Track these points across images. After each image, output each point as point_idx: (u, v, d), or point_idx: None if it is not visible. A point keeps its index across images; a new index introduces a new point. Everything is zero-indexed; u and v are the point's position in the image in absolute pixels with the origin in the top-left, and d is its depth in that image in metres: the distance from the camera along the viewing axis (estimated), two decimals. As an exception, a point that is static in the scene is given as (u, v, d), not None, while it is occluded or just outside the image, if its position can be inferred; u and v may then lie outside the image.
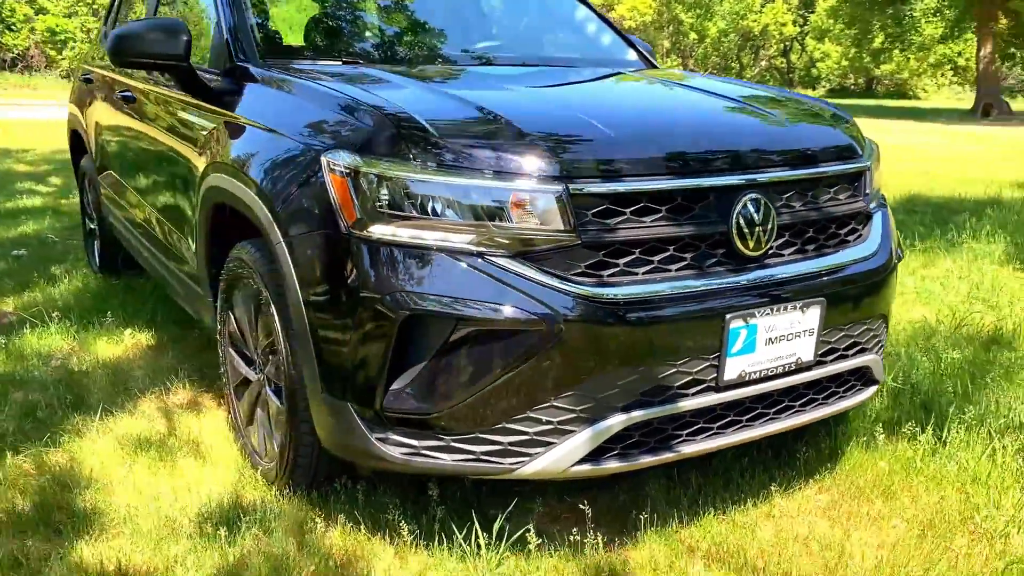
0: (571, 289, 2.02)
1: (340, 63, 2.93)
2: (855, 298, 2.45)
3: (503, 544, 2.20)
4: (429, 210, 2.04)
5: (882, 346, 2.65)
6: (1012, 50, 29.36)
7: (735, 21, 41.63)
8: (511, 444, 2.08)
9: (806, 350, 2.34)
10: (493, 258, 2.02)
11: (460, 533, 2.24)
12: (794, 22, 44.39)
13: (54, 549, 2.24)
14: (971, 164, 11.82)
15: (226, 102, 2.73)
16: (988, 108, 25.65)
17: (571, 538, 2.25)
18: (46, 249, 5.71)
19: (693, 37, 43.66)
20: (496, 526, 2.22)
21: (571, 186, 2.04)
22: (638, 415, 2.11)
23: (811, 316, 2.32)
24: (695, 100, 2.81)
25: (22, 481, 2.59)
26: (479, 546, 2.19)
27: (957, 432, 2.87)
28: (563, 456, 2.08)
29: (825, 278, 2.37)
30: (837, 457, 2.80)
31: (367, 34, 3.36)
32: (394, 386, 2.08)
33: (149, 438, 2.87)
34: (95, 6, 27.56)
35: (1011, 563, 2.24)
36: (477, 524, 2.23)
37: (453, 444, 2.08)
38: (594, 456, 2.11)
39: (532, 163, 2.06)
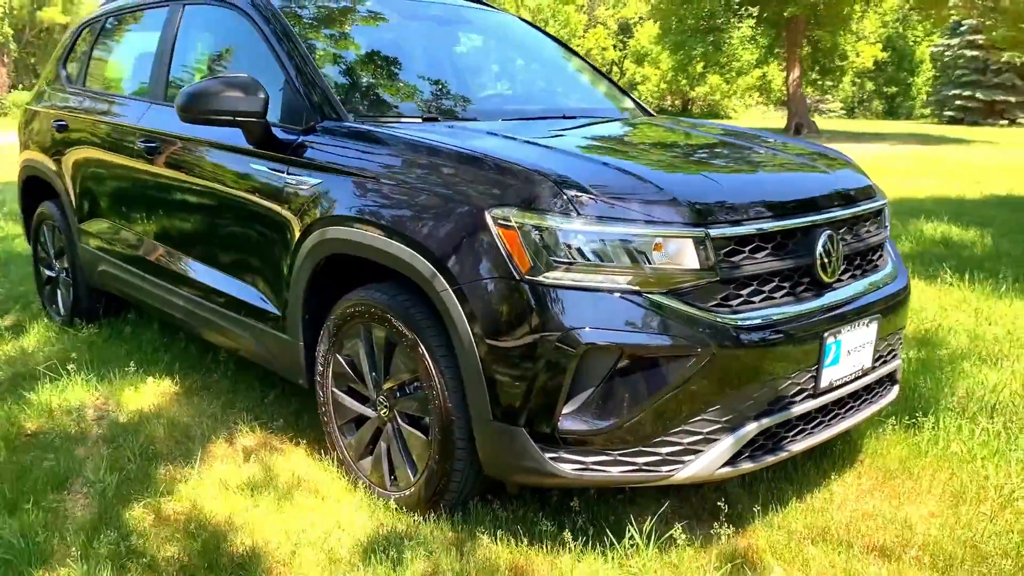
0: (714, 318, 2.39)
1: (421, 120, 3.17)
2: (893, 312, 2.97)
3: (651, 543, 2.53)
4: (592, 256, 2.36)
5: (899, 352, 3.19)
6: (814, 76, 32.40)
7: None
8: (668, 454, 2.42)
9: (868, 358, 2.82)
10: (649, 295, 2.36)
11: (592, 537, 2.55)
12: (615, 46, 46.78)
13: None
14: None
15: (329, 159, 2.91)
16: (799, 127, 28.25)
17: (690, 533, 2.61)
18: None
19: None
20: (647, 527, 2.55)
21: (709, 231, 2.42)
22: (766, 422, 2.51)
23: (872, 330, 2.80)
24: (750, 148, 3.24)
25: (159, 531, 2.67)
26: (634, 546, 2.52)
27: (946, 418, 3.45)
28: (711, 462, 2.44)
29: (877, 297, 2.86)
30: (858, 449, 3.30)
31: (440, 93, 3.60)
32: (566, 410, 2.37)
33: (254, 480, 2.98)
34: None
35: (1034, 520, 2.80)
36: (631, 526, 2.55)
37: (619, 458, 2.40)
38: (732, 460, 2.49)
39: (677, 213, 2.42)
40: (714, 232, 2.43)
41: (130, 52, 4.52)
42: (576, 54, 4.39)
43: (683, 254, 2.41)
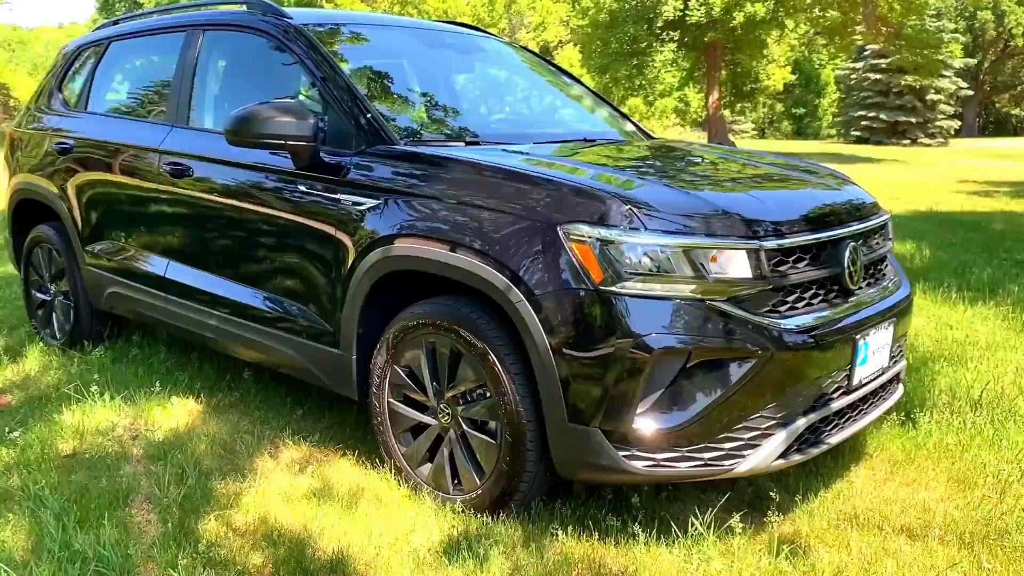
0: (769, 323, 2.63)
1: (464, 143, 3.34)
2: (903, 316, 3.26)
3: (711, 532, 2.74)
4: (658, 267, 2.57)
5: (903, 353, 3.49)
6: (730, 98, 33.61)
7: (485, 68, 43.85)
8: (730, 449, 2.64)
9: (886, 358, 3.11)
10: (711, 302, 2.59)
11: (649, 530, 2.76)
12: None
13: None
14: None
15: (388, 180, 3.05)
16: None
17: (743, 522, 2.84)
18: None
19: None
20: (707, 518, 2.76)
21: (762, 243, 2.66)
22: (812, 417, 2.76)
23: (889, 332, 3.09)
24: (774, 168, 3.51)
25: (238, 541, 2.75)
26: (695, 536, 2.72)
27: (936, 414, 3.77)
28: (767, 455, 2.67)
29: (891, 302, 3.15)
30: (864, 444, 3.59)
31: (473, 117, 3.77)
32: (639, 410, 2.57)
33: (315, 490, 3.09)
34: None
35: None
36: (695, 518, 2.76)
37: (687, 454, 2.61)
38: (785, 453, 2.72)
39: (733, 227, 2.66)
40: (765, 244, 2.67)
41: (141, 76, 4.57)
42: (578, 81, 4.63)
43: (740, 264, 2.64)
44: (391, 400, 3.13)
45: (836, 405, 2.87)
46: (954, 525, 2.89)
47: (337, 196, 3.18)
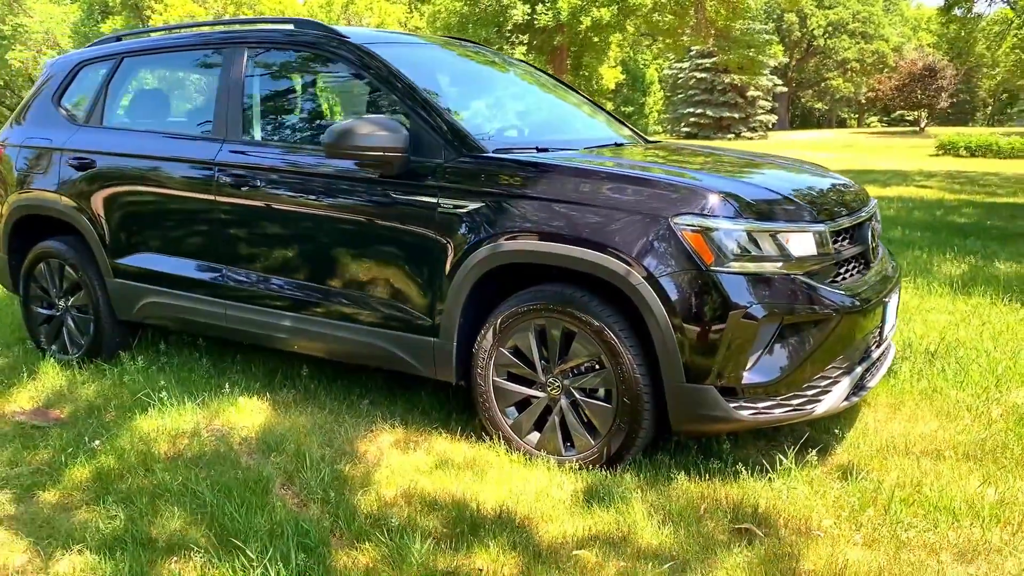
0: (837, 291, 3.25)
1: (536, 150, 3.77)
2: (900, 284, 3.98)
3: (793, 467, 3.33)
4: (754, 249, 3.13)
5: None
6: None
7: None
8: (811, 395, 3.24)
9: (894, 319, 3.81)
10: (795, 276, 3.18)
11: (748, 468, 3.33)
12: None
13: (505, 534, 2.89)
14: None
15: (487, 185, 3.44)
16: (571, 145, 30.42)
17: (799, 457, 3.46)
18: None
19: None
20: (791, 454, 3.35)
21: (826, 226, 3.28)
22: (865, 365, 3.41)
23: (896, 296, 3.79)
24: (792, 164, 4.15)
25: (401, 509, 3.10)
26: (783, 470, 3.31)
27: (905, 366, 4.54)
28: (836, 399, 3.29)
29: (893, 273, 3.86)
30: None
31: (531, 126, 4.18)
32: (746, 368, 3.12)
33: (438, 463, 3.45)
34: None
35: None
36: (782, 455, 3.34)
37: (780, 401, 3.19)
38: (847, 396, 3.35)
39: (805, 213, 3.26)
40: (828, 227, 3.29)
41: (171, 92, 4.68)
42: (576, 91, 5.13)
43: (809, 244, 3.24)
44: (496, 379, 3.53)
45: (874, 355, 3.54)
46: (961, 447, 3.61)
47: (435, 201, 3.54)
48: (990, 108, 75.37)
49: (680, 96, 49.95)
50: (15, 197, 4.95)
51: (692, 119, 47.41)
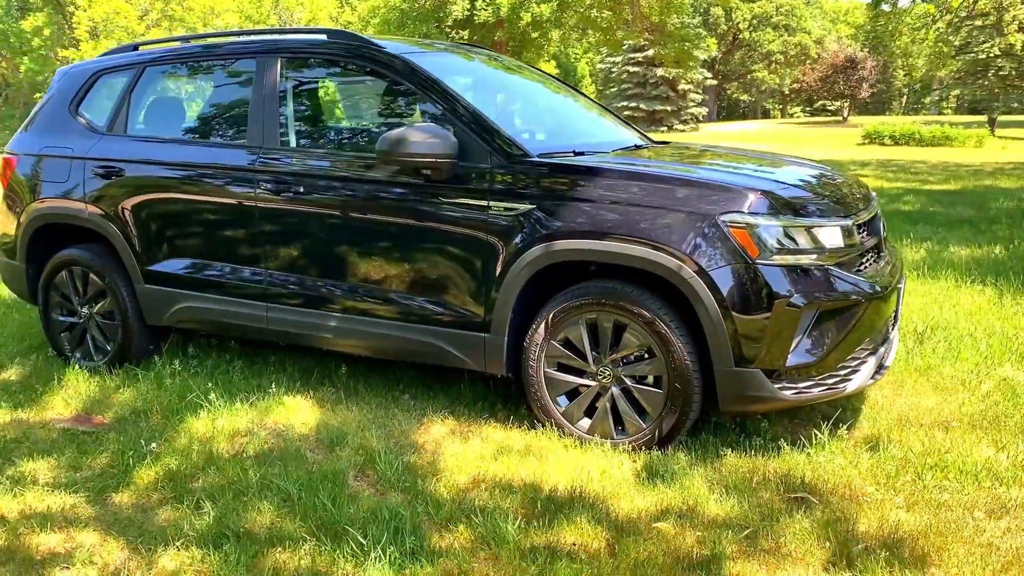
0: (863, 279, 3.57)
1: (573, 154, 4.00)
2: (903, 273, 4.33)
3: (827, 440, 3.64)
4: (792, 243, 3.42)
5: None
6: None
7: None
8: (843, 375, 3.56)
9: (902, 303, 4.16)
10: (828, 267, 3.48)
11: (787, 443, 3.64)
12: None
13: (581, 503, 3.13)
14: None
15: (538, 188, 3.66)
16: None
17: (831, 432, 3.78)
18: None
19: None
20: (825, 429, 3.66)
21: (852, 220, 3.60)
22: (885, 346, 3.74)
23: (904, 284, 4.14)
24: (804, 162, 4.47)
25: (477, 494, 3.31)
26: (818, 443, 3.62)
27: (901, 344, 4.92)
28: (864, 377, 3.61)
29: (899, 260, 4.20)
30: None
31: (565, 131, 4.39)
32: (790, 351, 3.42)
33: (495, 451, 3.67)
34: None
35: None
36: (817, 431, 3.65)
37: (818, 381, 3.49)
38: (872, 375, 3.67)
39: (834, 209, 3.58)
40: (851, 221, 3.61)
41: (201, 100, 4.76)
42: (592, 99, 5.40)
43: (838, 237, 3.55)
44: (547, 370, 3.76)
45: (891, 337, 3.87)
46: (964, 419, 3.97)
47: (485, 204, 3.75)
48: (905, 98, 78.36)
49: (613, 90, 50.71)
50: (34, 206, 4.97)
51: (626, 112, 48.11)
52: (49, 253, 5.02)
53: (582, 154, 4.02)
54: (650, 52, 41.96)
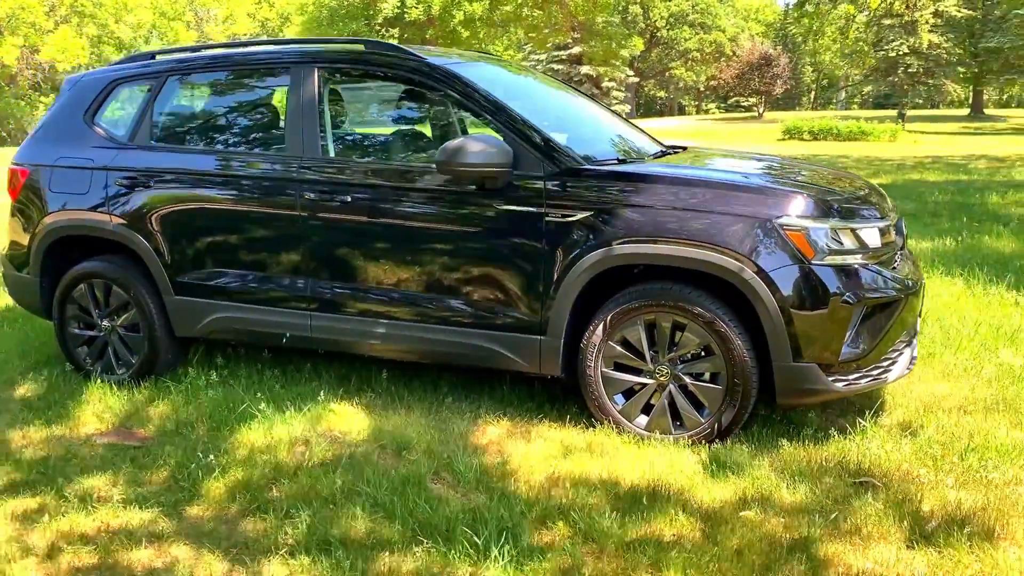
0: (899, 276, 3.83)
1: (617, 161, 4.15)
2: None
3: (870, 427, 3.89)
4: (841, 244, 3.66)
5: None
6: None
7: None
8: (885, 366, 3.81)
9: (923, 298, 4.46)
10: (872, 265, 3.73)
11: (834, 431, 3.88)
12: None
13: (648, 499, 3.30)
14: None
15: (595, 195, 3.80)
16: (445, 139, 30.78)
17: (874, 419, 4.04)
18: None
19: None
20: (868, 417, 3.91)
21: (889, 221, 3.85)
22: (917, 338, 4.01)
23: (923, 279, 4.43)
24: (828, 168, 4.71)
25: (560, 492, 3.44)
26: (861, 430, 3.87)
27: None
28: (902, 367, 3.88)
29: (916, 259, 4.50)
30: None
31: (603, 140, 4.53)
32: (843, 345, 3.65)
33: (561, 450, 3.80)
34: None
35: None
36: (860, 419, 3.90)
37: (865, 372, 3.74)
38: (908, 365, 3.94)
39: (876, 211, 3.83)
40: (887, 223, 3.86)
41: (229, 110, 4.73)
42: (605, 106, 5.58)
43: (876, 237, 3.80)
44: (604, 369, 3.92)
45: (919, 329, 4.16)
46: (978, 403, 4.28)
47: (541, 211, 3.87)
48: (813, 94, 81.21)
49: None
50: (50, 218, 4.87)
51: (550, 109, 48.73)
52: (65, 266, 4.92)
53: (624, 161, 4.18)
54: (575, 50, 42.44)
